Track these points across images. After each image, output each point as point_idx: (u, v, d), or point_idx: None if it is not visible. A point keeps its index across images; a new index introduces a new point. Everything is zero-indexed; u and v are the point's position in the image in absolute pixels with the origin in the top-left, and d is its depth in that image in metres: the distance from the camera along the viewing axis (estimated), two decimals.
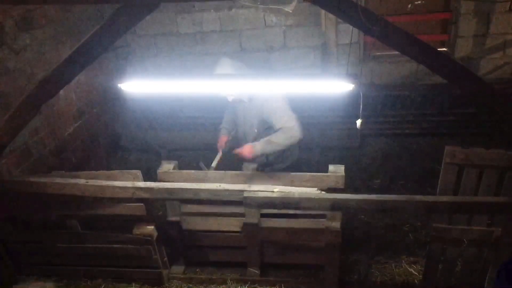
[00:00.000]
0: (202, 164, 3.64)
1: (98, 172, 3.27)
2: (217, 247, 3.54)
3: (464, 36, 4.88)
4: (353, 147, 5.04)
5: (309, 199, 2.98)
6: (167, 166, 3.34)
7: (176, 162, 3.41)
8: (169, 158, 5.18)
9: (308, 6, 4.83)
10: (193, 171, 3.34)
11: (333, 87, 2.71)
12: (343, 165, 3.18)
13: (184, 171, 3.32)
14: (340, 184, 3.13)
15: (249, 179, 3.23)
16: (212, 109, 5.51)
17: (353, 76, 2.52)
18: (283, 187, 3.08)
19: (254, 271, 3.48)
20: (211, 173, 3.34)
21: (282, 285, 3.42)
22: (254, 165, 3.39)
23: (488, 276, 3.07)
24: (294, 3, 2.71)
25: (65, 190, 3.14)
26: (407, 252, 3.71)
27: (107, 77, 4.95)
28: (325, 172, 3.18)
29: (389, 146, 5.07)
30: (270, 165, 3.50)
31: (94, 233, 3.43)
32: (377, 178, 4.61)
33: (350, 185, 4.23)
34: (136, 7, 2.31)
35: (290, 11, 2.59)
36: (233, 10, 5.02)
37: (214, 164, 3.58)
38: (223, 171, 3.29)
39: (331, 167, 3.20)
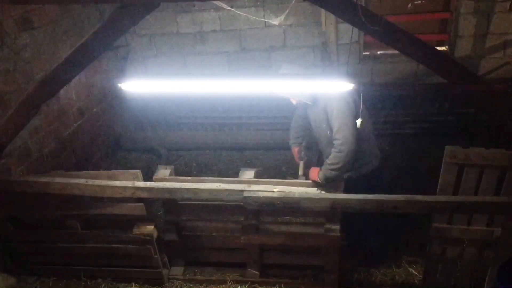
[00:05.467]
0: (289, 178, 3.58)
1: (98, 172, 3.27)
2: (217, 247, 3.54)
3: (464, 36, 4.87)
4: None
5: (309, 199, 2.98)
6: (163, 172, 3.30)
7: (172, 167, 3.38)
8: (169, 158, 5.20)
9: (308, 5, 4.82)
10: (189, 177, 3.28)
11: (333, 86, 2.72)
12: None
13: (181, 177, 3.27)
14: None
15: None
16: (213, 109, 5.52)
17: (353, 76, 2.52)
18: (283, 187, 3.08)
19: (253, 271, 3.48)
20: (208, 179, 3.24)
21: (282, 285, 3.43)
22: (252, 171, 3.36)
23: (488, 276, 3.07)
24: (282, 17, 2.75)
25: (65, 190, 3.15)
26: (407, 252, 3.71)
27: (107, 77, 4.95)
28: None
29: (389, 146, 5.06)
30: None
31: (94, 233, 3.43)
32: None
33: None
34: (136, 6, 2.31)
35: (277, 24, 2.61)
36: (233, 9, 5.02)
37: (300, 172, 3.49)
38: (219, 178, 3.25)
39: None
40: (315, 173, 3.15)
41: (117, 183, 3.12)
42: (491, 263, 3.04)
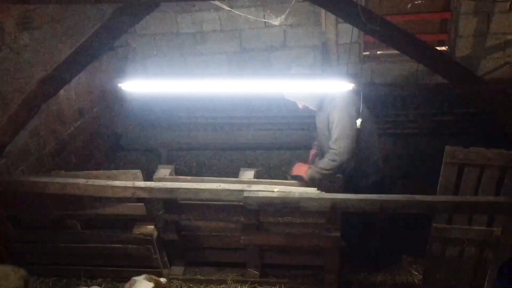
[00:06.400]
0: (289, 177, 3.56)
1: (98, 172, 3.27)
2: (217, 247, 3.54)
3: (464, 35, 4.87)
4: None
5: (309, 199, 2.98)
6: (163, 172, 3.31)
7: (172, 166, 3.39)
8: (169, 158, 5.20)
9: (308, 5, 4.83)
10: (189, 177, 3.28)
11: (333, 86, 2.72)
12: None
13: (181, 177, 3.28)
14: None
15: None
16: (213, 109, 5.52)
17: (353, 76, 2.52)
18: (283, 187, 3.08)
19: (253, 272, 3.48)
20: (208, 179, 3.24)
21: (282, 285, 3.43)
22: (252, 171, 3.35)
23: (488, 276, 3.07)
24: (283, 17, 2.74)
25: (65, 190, 3.14)
26: (407, 252, 3.71)
27: (107, 77, 4.95)
28: None
29: (389, 146, 5.06)
30: (352, 181, 3.22)
31: (94, 232, 3.43)
32: None
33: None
34: (136, 6, 2.31)
35: (277, 24, 2.61)
36: (233, 9, 5.02)
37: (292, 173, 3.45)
38: (219, 178, 3.23)
39: None
40: (303, 169, 3.18)
41: (117, 183, 3.11)
42: (491, 263, 3.04)
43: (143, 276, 2.74)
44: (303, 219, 3.83)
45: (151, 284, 2.70)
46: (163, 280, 2.78)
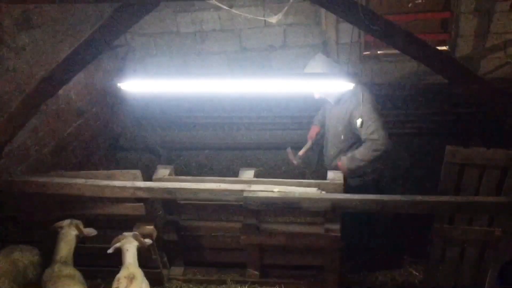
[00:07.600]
0: (289, 150, 3.62)
1: (98, 172, 3.27)
2: (217, 247, 3.53)
3: (465, 35, 4.86)
4: None
5: (309, 199, 2.98)
6: (162, 172, 3.30)
7: (172, 167, 3.38)
8: (169, 158, 5.20)
9: (308, 5, 4.82)
10: (189, 177, 3.28)
11: (334, 86, 2.71)
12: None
13: (181, 177, 3.27)
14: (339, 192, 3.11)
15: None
16: (213, 109, 5.51)
17: (354, 75, 2.52)
18: (283, 187, 3.08)
19: (253, 272, 3.47)
20: (208, 179, 3.23)
21: (282, 285, 3.42)
22: (252, 171, 3.35)
23: (488, 276, 3.06)
24: (280, 15, 2.75)
25: (65, 190, 3.14)
26: (407, 253, 3.71)
27: (107, 77, 4.94)
28: (324, 174, 3.18)
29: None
30: (358, 176, 3.36)
31: None
32: None
33: None
34: (136, 6, 2.30)
35: (274, 22, 2.61)
36: (233, 9, 5.01)
37: (301, 152, 3.61)
38: (219, 178, 3.22)
39: (330, 174, 3.18)
40: (342, 162, 3.25)
41: (117, 183, 3.11)
42: (492, 264, 3.03)
43: (131, 233, 3.00)
44: (303, 219, 3.83)
45: (136, 243, 2.96)
46: (148, 241, 3.05)
